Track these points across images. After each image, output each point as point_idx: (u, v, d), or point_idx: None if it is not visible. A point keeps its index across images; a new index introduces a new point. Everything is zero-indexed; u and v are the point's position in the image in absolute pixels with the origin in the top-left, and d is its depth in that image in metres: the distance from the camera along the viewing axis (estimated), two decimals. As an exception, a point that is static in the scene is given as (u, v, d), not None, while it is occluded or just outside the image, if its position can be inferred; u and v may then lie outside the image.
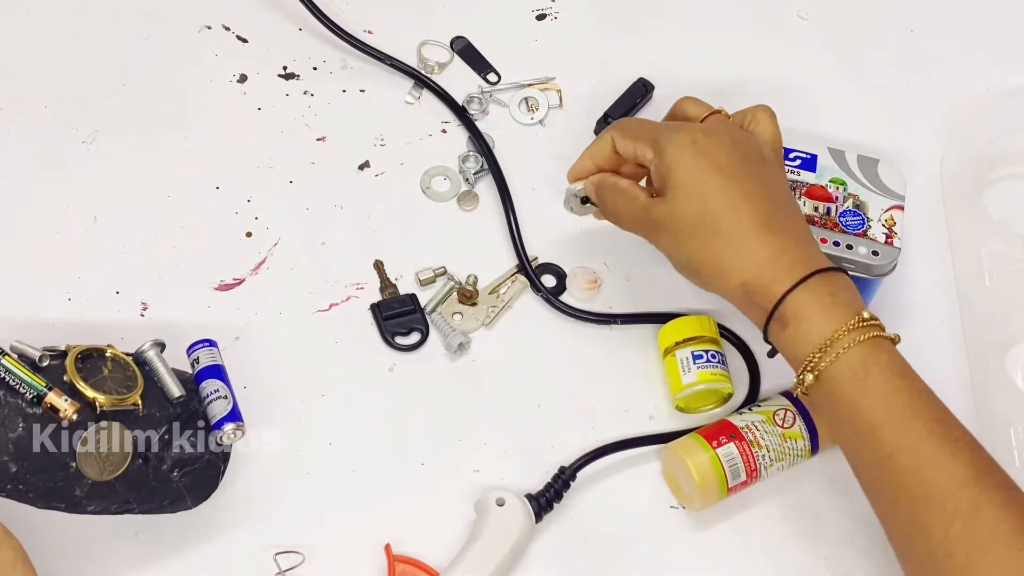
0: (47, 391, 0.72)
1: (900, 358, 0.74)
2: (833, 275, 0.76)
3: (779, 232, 0.76)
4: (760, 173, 0.79)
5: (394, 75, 1.02)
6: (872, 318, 0.74)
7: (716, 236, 0.77)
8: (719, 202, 0.77)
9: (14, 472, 0.71)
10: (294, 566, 0.81)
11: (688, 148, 0.78)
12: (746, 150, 0.80)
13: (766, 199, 0.78)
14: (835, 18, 1.09)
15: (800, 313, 0.74)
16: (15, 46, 1.01)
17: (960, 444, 0.71)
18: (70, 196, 0.94)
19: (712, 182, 0.77)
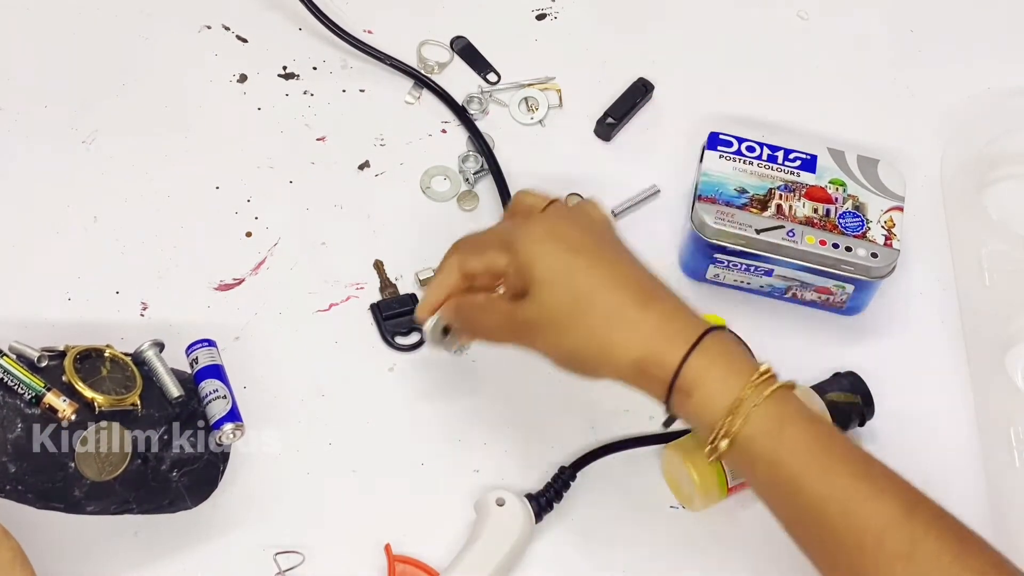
0: (45, 392, 0.72)
1: (804, 405, 0.72)
2: (720, 334, 0.73)
3: (658, 301, 0.74)
4: (620, 248, 0.77)
5: (394, 75, 1.02)
6: (768, 370, 0.71)
7: (596, 318, 0.73)
8: (590, 283, 0.73)
9: (13, 472, 0.71)
10: (294, 566, 0.81)
11: (542, 238, 0.75)
12: (599, 228, 0.78)
13: (635, 271, 0.75)
14: (835, 18, 1.09)
15: (701, 379, 0.71)
16: (15, 46, 1.01)
17: (883, 482, 0.70)
18: (70, 196, 0.94)
19: (577, 264, 0.74)
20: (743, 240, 0.89)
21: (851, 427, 0.87)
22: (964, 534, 0.69)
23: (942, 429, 0.90)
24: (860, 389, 0.87)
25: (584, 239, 0.75)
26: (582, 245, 0.75)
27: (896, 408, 0.90)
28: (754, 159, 0.92)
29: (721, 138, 0.93)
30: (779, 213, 0.90)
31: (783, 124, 1.01)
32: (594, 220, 0.79)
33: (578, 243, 0.75)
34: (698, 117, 1.01)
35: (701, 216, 0.90)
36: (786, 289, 0.92)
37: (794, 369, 0.89)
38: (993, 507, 0.86)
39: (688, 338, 0.71)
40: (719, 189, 0.91)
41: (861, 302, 0.92)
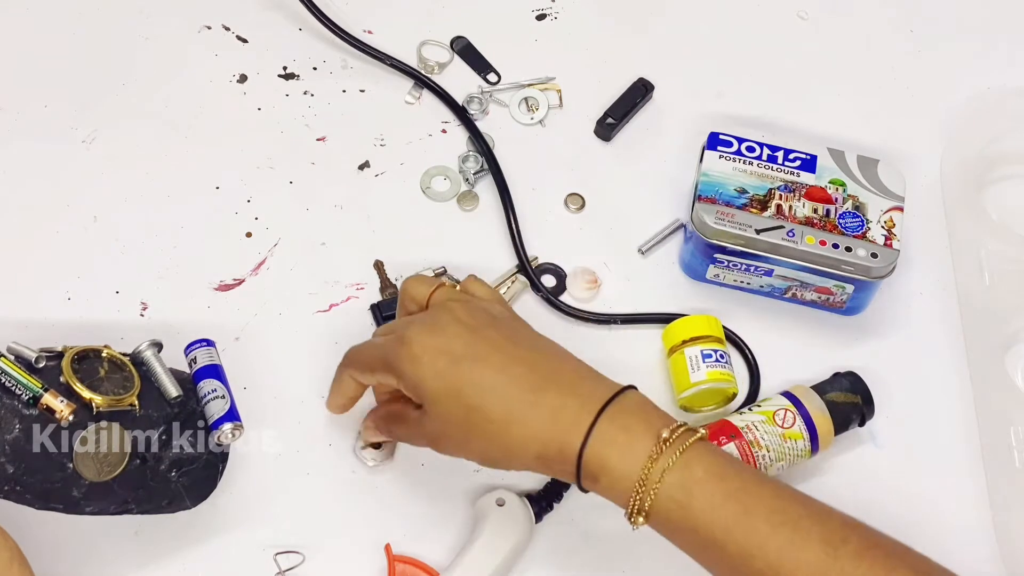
0: (43, 392, 0.72)
1: (713, 458, 0.71)
2: (620, 401, 0.72)
3: (549, 386, 0.73)
4: (501, 335, 0.75)
5: (394, 75, 1.02)
6: (673, 430, 0.71)
7: (491, 424, 0.73)
8: (477, 393, 0.73)
9: (11, 473, 0.71)
10: (294, 566, 0.81)
11: (421, 358, 0.74)
12: (477, 320, 0.76)
13: (520, 359, 0.74)
14: (835, 18, 1.09)
15: (603, 463, 0.71)
16: (15, 46, 1.01)
17: (805, 524, 0.69)
18: (70, 196, 0.94)
19: (460, 377, 0.73)
20: (743, 240, 0.89)
21: (851, 427, 0.87)
22: (893, 559, 0.69)
23: (942, 429, 0.90)
24: (860, 389, 0.87)
25: (462, 345, 0.74)
26: (461, 352, 0.74)
27: (896, 408, 0.90)
28: (754, 159, 0.92)
29: (721, 138, 0.93)
30: (779, 213, 0.90)
31: (783, 124, 1.01)
32: (469, 312, 0.77)
33: (460, 348, 0.74)
34: (698, 117, 1.01)
35: (701, 216, 0.90)
36: (786, 289, 0.92)
37: (794, 369, 0.90)
38: (993, 507, 0.86)
39: (583, 423, 0.71)
40: (719, 189, 0.91)
41: (861, 302, 0.92)
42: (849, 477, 0.88)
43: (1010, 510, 0.86)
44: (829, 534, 0.69)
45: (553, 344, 0.78)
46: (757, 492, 0.70)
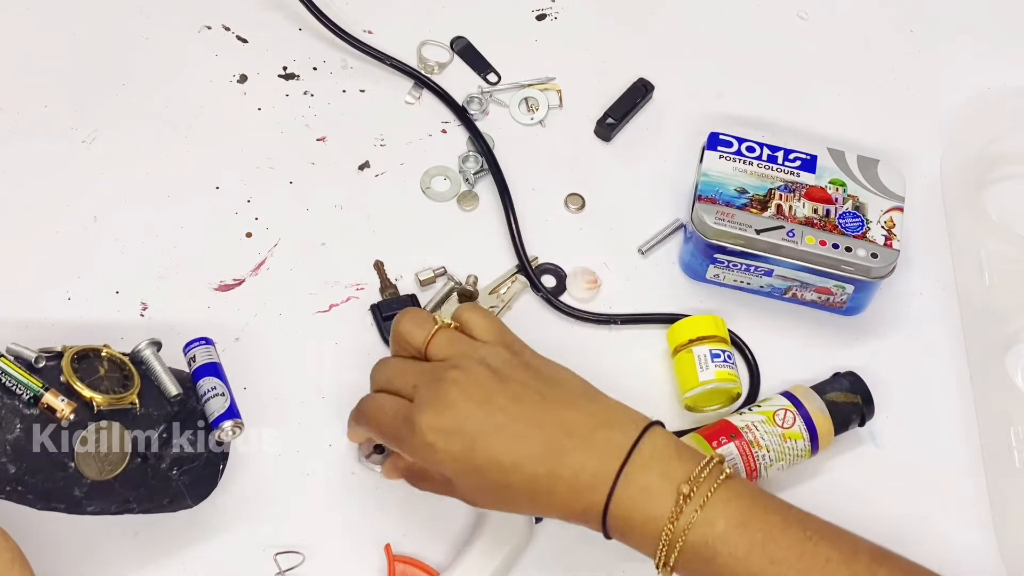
0: (43, 392, 0.72)
1: (737, 505, 0.70)
2: (639, 452, 0.70)
3: (567, 446, 0.71)
4: (510, 396, 0.72)
5: (394, 75, 1.02)
6: (694, 480, 0.69)
7: (518, 495, 0.72)
8: (498, 471, 0.71)
9: (13, 473, 0.71)
10: (294, 566, 0.81)
11: (435, 445, 0.71)
12: (483, 387, 0.72)
13: (534, 421, 0.71)
14: (835, 18, 1.09)
15: (627, 523, 0.70)
16: (15, 46, 1.01)
17: (832, 567, 0.69)
18: (70, 196, 0.94)
19: (478, 457, 0.71)
20: (743, 240, 0.89)
21: (851, 427, 0.87)
22: None
23: (942, 429, 0.90)
24: (860, 389, 0.87)
25: (477, 414, 0.71)
26: (477, 426, 0.71)
27: (896, 408, 0.90)
28: (754, 159, 0.92)
29: (721, 138, 0.93)
30: (779, 213, 0.90)
31: (783, 124, 1.01)
32: (480, 364, 0.73)
33: (473, 426, 0.71)
34: (698, 117, 1.01)
35: (701, 216, 0.90)
36: (786, 289, 0.92)
37: (794, 369, 0.90)
38: (993, 507, 0.86)
39: (603, 487, 0.70)
40: (719, 189, 0.91)
41: (861, 302, 0.92)
42: (849, 477, 0.88)
43: (1010, 510, 0.86)
44: (848, 556, 0.69)
45: (562, 378, 0.75)
46: (781, 538, 0.69)
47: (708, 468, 0.70)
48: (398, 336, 0.77)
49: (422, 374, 0.74)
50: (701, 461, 0.71)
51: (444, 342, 0.75)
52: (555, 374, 0.75)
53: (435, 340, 0.76)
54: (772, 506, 0.71)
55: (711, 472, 0.70)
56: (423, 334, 0.76)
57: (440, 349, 0.75)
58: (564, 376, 0.76)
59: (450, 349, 0.75)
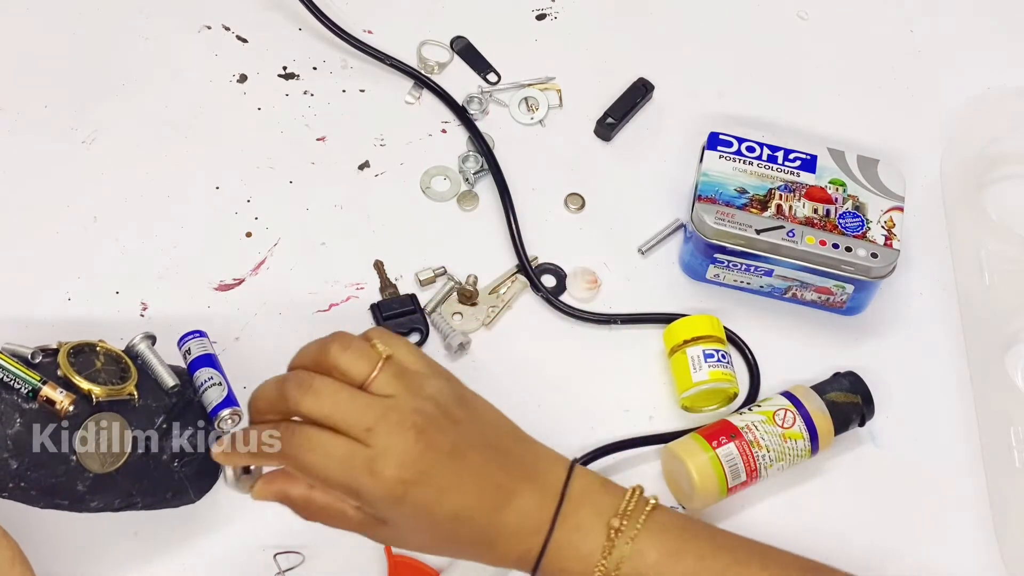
0: (41, 385, 0.72)
1: (666, 536, 0.70)
2: (575, 486, 0.70)
3: (513, 494, 0.69)
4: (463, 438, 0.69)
5: (394, 75, 1.02)
6: (623, 514, 0.69)
7: (464, 548, 0.70)
8: (450, 526, 0.68)
9: (15, 469, 0.71)
10: (294, 566, 0.81)
11: (401, 497, 0.67)
12: (441, 430, 0.68)
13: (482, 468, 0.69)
14: (835, 18, 1.09)
15: (562, 562, 0.69)
16: (15, 46, 1.01)
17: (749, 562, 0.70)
18: (70, 196, 0.94)
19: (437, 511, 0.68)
20: (743, 240, 0.89)
21: (851, 427, 0.87)
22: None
23: (942, 429, 0.90)
24: (860, 389, 0.87)
25: (445, 459, 0.67)
26: (446, 471, 0.67)
27: (896, 408, 0.90)
28: (754, 159, 0.92)
29: (721, 138, 0.93)
30: (779, 213, 0.90)
31: (783, 124, 1.01)
32: (433, 391, 0.69)
33: (442, 472, 0.67)
34: (698, 117, 1.01)
35: (701, 216, 0.90)
36: (786, 289, 0.92)
37: (794, 369, 0.90)
38: (993, 507, 0.86)
39: (544, 526, 0.69)
40: (719, 189, 0.91)
41: (861, 302, 0.92)
42: (849, 477, 0.88)
43: (1010, 510, 0.86)
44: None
45: (491, 415, 0.72)
46: (712, 564, 0.70)
47: (634, 500, 0.70)
48: (330, 364, 0.69)
49: (381, 418, 0.67)
50: (626, 493, 0.71)
51: (391, 378, 0.68)
52: (484, 410, 0.72)
53: (382, 376, 0.68)
54: (702, 533, 0.72)
55: (637, 503, 0.70)
56: (367, 368, 0.68)
57: (388, 385, 0.68)
58: (490, 411, 0.73)
59: (398, 385, 0.68)
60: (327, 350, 0.69)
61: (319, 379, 0.68)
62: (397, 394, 0.68)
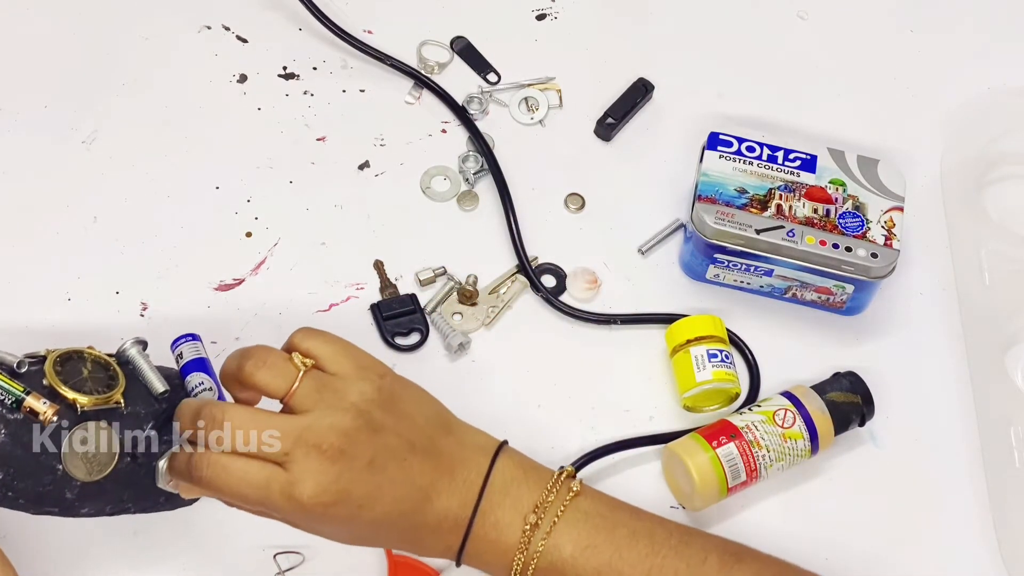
0: (24, 395, 0.71)
1: (583, 526, 0.71)
2: (495, 479, 0.71)
3: (433, 496, 0.70)
4: (382, 448, 0.69)
5: (394, 75, 1.02)
6: (539, 505, 0.71)
7: (388, 544, 0.73)
8: (370, 531, 0.70)
9: (1, 479, 0.71)
10: (294, 566, 0.81)
11: (320, 516, 0.68)
12: (359, 444, 0.68)
13: (401, 476, 0.69)
14: (835, 18, 1.09)
15: (481, 556, 0.72)
16: (15, 46, 1.01)
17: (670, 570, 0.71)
18: (70, 196, 0.94)
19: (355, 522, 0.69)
20: (743, 240, 0.89)
21: (851, 427, 0.87)
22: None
23: (942, 429, 0.90)
24: (860, 389, 0.87)
25: (362, 474, 0.67)
26: (363, 486, 0.68)
27: (896, 408, 0.90)
28: (754, 159, 0.92)
29: (721, 138, 0.93)
30: (779, 213, 0.90)
31: (783, 124, 1.01)
32: (355, 399, 0.69)
33: (359, 487, 0.68)
34: (698, 117, 1.01)
35: (701, 216, 0.90)
36: (786, 289, 0.92)
37: (794, 369, 0.90)
38: (993, 507, 0.86)
39: (463, 523, 0.71)
40: (719, 189, 0.91)
41: (861, 302, 0.92)
42: (849, 477, 0.88)
43: (1010, 510, 0.86)
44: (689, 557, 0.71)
45: (418, 410, 0.72)
46: (629, 555, 0.71)
47: (556, 489, 0.72)
48: (248, 383, 0.69)
49: (297, 442, 0.67)
50: (548, 482, 0.72)
51: (311, 391, 0.68)
52: (413, 405, 0.72)
53: (300, 391, 0.68)
54: (620, 520, 0.72)
55: (559, 493, 0.72)
56: (284, 384, 0.68)
57: (307, 400, 0.68)
58: (420, 405, 0.73)
59: (317, 398, 0.68)
60: (242, 368, 0.69)
61: (231, 409, 0.68)
62: (315, 409, 0.68)
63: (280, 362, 0.69)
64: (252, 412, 0.69)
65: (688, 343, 0.88)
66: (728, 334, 0.91)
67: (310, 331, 0.72)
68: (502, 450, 0.73)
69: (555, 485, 0.72)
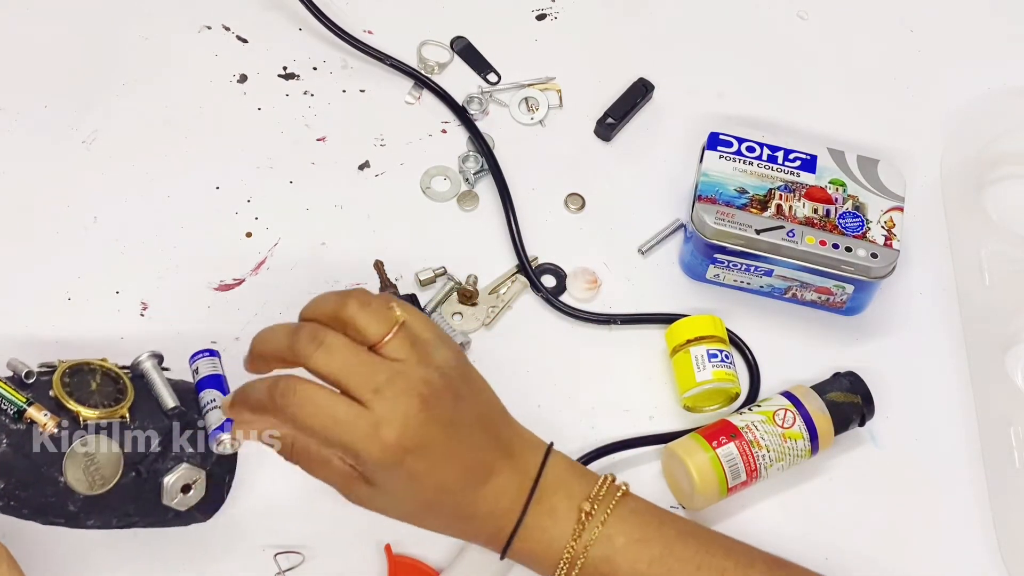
0: (27, 406, 0.71)
1: (636, 521, 0.72)
2: (550, 470, 0.72)
3: (495, 471, 0.70)
4: (462, 412, 0.69)
5: (394, 75, 1.02)
6: (595, 497, 0.71)
7: (441, 519, 0.72)
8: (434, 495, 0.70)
9: (2, 488, 0.71)
10: (294, 566, 0.81)
11: (399, 462, 0.67)
12: (443, 403, 0.68)
13: (472, 443, 0.70)
14: (835, 18, 1.09)
15: (531, 543, 0.72)
16: (15, 46, 1.01)
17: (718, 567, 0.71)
18: (70, 196, 0.94)
19: (426, 480, 0.69)
20: (743, 240, 0.89)
21: (851, 427, 0.87)
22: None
23: (942, 429, 0.90)
24: (860, 389, 0.87)
25: (442, 432, 0.68)
26: (441, 444, 0.68)
27: (896, 408, 0.90)
28: (754, 159, 0.92)
29: (721, 138, 0.93)
30: (779, 213, 0.90)
31: (783, 124, 1.01)
32: (441, 362, 0.69)
33: (438, 444, 0.68)
34: (698, 117, 1.01)
35: (701, 216, 0.90)
36: (786, 289, 0.92)
37: (794, 369, 0.90)
38: (993, 507, 0.86)
39: (519, 506, 0.71)
40: (719, 189, 0.91)
41: (861, 302, 0.92)
42: (849, 477, 0.88)
43: (1010, 510, 0.86)
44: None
45: (486, 393, 0.73)
46: (679, 551, 0.72)
47: (606, 486, 0.72)
48: (347, 319, 0.68)
49: (389, 382, 0.67)
50: (598, 480, 0.73)
51: (404, 342, 0.68)
52: (482, 388, 0.73)
53: (395, 340, 0.68)
54: (669, 520, 0.73)
55: (608, 490, 0.72)
56: (382, 329, 0.68)
57: (399, 350, 0.68)
58: (487, 390, 0.73)
59: (410, 351, 0.68)
60: (346, 304, 0.68)
61: (332, 335, 0.67)
62: (407, 360, 0.68)
63: (382, 308, 0.69)
64: (352, 344, 0.67)
65: (688, 343, 0.88)
66: (728, 334, 0.91)
67: (392, 297, 0.72)
68: (551, 450, 0.74)
69: (604, 483, 0.73)
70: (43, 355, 0.76)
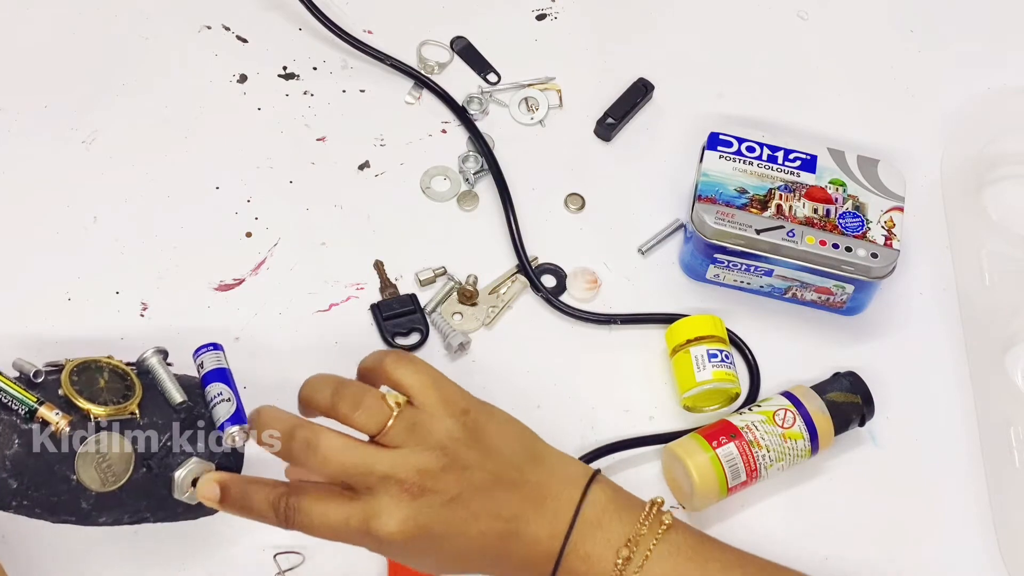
0: (38, 406, 0.71)
1: (675, 559, 0.70)
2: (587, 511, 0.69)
3: (519, 531, 0.69)
4: (467, 485, 0.68)
5: (394, 75, 1.02)
6: (633, 540, 0.69)
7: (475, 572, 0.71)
8: (452, 565, 0.70)
9: (15, 488, 0.71)
10: (294, 566, 0.81)
11: (400, 550, 0.69)
12: (444, 483, 0.68)
13: (486, 512, 0.68)
14: (835, 18, 1.09)
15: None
16: (15, 46, 1.01)
17: None
18: (70, 196, 0.94)
19: (435, 557, 0.69)
20: (743, 240, 0.89)
21: (851, 427, 0.87)
22: None
23: (942, 429, 0.90)
24: (860, 389, 0.87)
25: (444, 512, 0.68)
26: (445, 525, 0.68)
27: (896, 408, 0.90)
28: (754, 159, 0.92)
29: (721, 138, 0.93)
30: (779, 213, 0.90)
31: (783, 124, 1.01)
32: (442, 436, 0.69)
33: (441, 525, 0.68)
34: (698, 117, 1.01)
35: (701, 216, 0.90)
36: (786, 289, 0.92)
37: (794, 369, 0.90)
38: (993, 507, 0.86)
39: (552, 557, 0.69)
40: (719, 189, 0.91)
41: (861, 302, 0.92)
42: (849, 477, 0.88)
43: (1010, 510, 0.86)
44: None
45: (505, 443, 0.71)
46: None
47: (648, 522, 0.70)
48: (342, 420, 0.69)
49: (383, 477, 0.67)
50: (641, 513, 0.70)
51: (402, 431, 0.68)
52: (498, 439, 0.71)
53: (392, 431, 0.68)
54: (712, 555, 0.71)
55: (652, 525, 0.70)
56: (378, 425, 0.69)
57: (397, 438, 0.68)
58: (506, 437, 0.71)
59: (407, 437, 0.68)
60: (337, 408, 0.69)
61: (325, 438, 0.68)
62: (404, 447, 0.68)
63: (375, 404, 0.69)
64: (344, 442, 0.69)
65: (688, 343, 0.88)
66: (728, 334, 0.91)
67: (400, 358, 0.71)
68: (594, 480, 0.71)
69: (647, 517, 0.70)
70: (44, 355, 0.76)
